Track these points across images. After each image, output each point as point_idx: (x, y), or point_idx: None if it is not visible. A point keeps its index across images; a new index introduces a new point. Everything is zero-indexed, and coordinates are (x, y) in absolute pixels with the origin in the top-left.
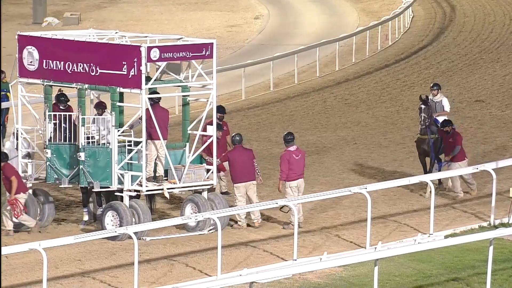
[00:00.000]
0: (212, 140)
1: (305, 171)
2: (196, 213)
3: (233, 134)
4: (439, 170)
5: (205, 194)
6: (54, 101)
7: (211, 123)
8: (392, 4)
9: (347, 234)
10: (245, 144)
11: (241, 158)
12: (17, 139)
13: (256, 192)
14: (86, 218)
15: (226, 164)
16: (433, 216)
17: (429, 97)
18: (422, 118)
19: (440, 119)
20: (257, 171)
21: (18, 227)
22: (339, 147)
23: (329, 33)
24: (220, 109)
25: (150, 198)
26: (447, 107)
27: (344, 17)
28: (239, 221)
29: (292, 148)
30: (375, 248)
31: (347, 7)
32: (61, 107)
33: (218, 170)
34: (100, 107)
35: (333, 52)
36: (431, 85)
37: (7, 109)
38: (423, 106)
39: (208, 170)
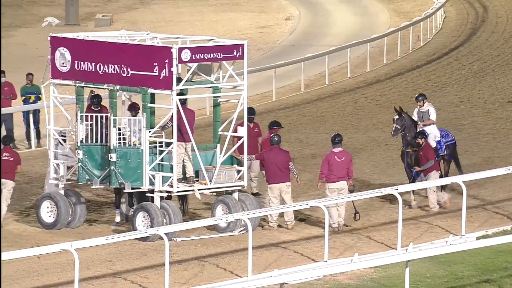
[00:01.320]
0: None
1: None
2: (227, 214)
3: (272, 135)
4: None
5: (236, 195)
6: (89, 102)
7: (242, 124)
8: (424, 5)
9: (378, 235)
10: (274, 147)
11: (276, 159)
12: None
13: (290, 193)
14: (118, 219)
15: (255, 164)
16: (465, 218)
17: (417, 108)
18: (393, 129)
19: (429, 129)
20: (293, 172)
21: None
22: (370, 148)
23: (361, 34)
24: (250, 110)
25: (182, 199)
26: (432, 116)
27: (376, 18)
28: (270, 222)
29: (336, 149)
30: (406, 249)
31: (378, 7)
32: (93, 108)
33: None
34: (134, 108)
35: (365, 53)
36: (416, 95)
37: (40, 110)
38: (396, 117)
39: (239, 171)
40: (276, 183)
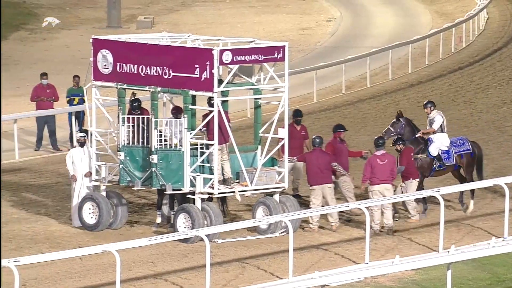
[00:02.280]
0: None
1: None
2: (267, 215)
3: (313, 136)
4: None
5: (276, 196)
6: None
7: (292, 126)
8: (467, 6)
9: (420, 237)
10: (316, 149)
11: (318, 160)
12: None
13: (333, 195)
14: (159, 220)
15: (298, 166)
16: (507, 220)
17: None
18: (385, 129)
19: (437, 136)
20: (340, 171)
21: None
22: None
23: (402, 35)
24: (297, 112)
25: (222, 200)
26: (435, 125)
27: (418, 19)
28: (311, 223)
29: (379, 152)
30: (448, 251)
31: (420, 8)
32: (133, 112)
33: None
34: (178, 112)
35: (406, 54)
36: (424, 102)
37: (84, 112)
38: (394, 121)
39: (279, 173)
40: (317, 184)
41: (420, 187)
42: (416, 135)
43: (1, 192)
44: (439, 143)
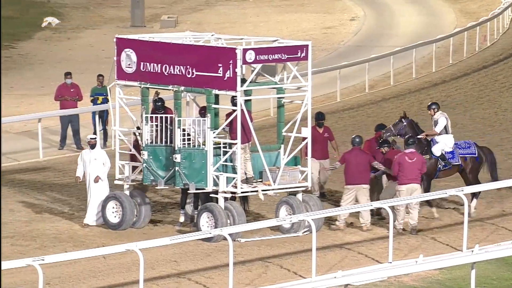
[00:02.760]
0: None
1: None
2: (290, 215)
3: (353, 136)
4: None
5: (299, 196)
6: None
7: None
8: (491, 5)
9: (443, 237)
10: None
11: (356, 160)
12: None
13: (367, 196)
14: (182, 219)
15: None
16: None
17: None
18: (386, 128)
19: (441, 138)
20: (381, 168)
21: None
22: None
23: (426, 34)
24: (319, 115)
25: (243, 199)
26: (437, 127)
27: (441, 18)
28: (338, 221)
29: (408, 150)
30: (472, 251)
31: (444, 7)
32: (157, 112)
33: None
34: (205, 112)
35: (430, 53)
36: (428, 104)
37: (108, 112)
38: (397, 121)
39: (302, 172)
40: (354, 184)
41: (427, 189)
42: (419, 136)
43: (25, 190)
44: (443, 144)
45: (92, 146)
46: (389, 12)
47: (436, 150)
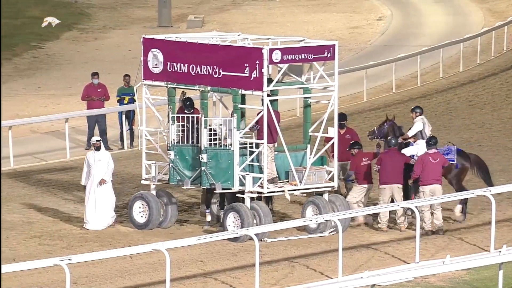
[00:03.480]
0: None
1: None
2: (317, 215)
3: (389, 137)
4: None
5: (326, 196)
6: (181, 104)
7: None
8: None
9: (471, 237)
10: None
11: (392, 159)
12: None
13: (401, 195)
14: (209, 218)
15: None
16: None
17: None
18: (368, 132)
19: (418, 142)
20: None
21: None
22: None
23: (453, 33)
24: (341, 116)
25: (268, 199)
26: (410, 131)
27: (469, 17)
28: (380, 222)
29: (431, 151)
30: (500, 251)
31: (472, 7)
32: (186, 111)
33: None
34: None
35: (458, 53)
36: (412, 107)
37: (134, 112)
38: (381, 123)
39: (329, 172)
40: (388, 183)
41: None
42: (399, 140)
43: (52, 190)
44: (416, 149)
45: (97, 148)
46: (416, 11)
47: (406, 153)
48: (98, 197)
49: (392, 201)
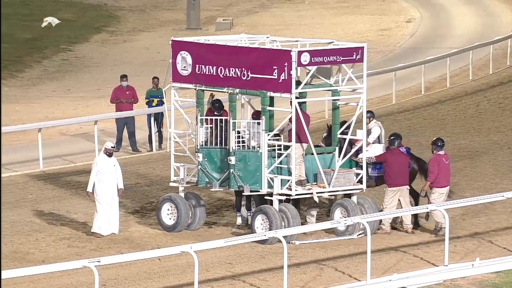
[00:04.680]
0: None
1: (456, 176)
2: (345, 217)
3: (392, 137)
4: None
5: (354, 198)
6: (209, 106)
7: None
8: None
9: (500, 240)
10: (395, 149)
11: (398, 160)
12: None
13: (408, 197)
14: (239, 221)
15: None
16: None
17: None
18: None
19: (372, 146)
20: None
21: None
22: (492, 151)
23: (483, 35)
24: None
25: (295, 202)
26: (370, 137)
27: (499, 19)
28: (383, 225)
29: (441, 152)
30: None
31: (502, 8)
32: (215, 113)
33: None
34: (258, 117)
35: (487, 55)
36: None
37: (163, 114)
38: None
39: (358, 174)
40: (397, 186)
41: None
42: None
43: (81, 192)
44: (371, 153)
45: (110, 155)
46: (446, 13)
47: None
48: (114, 204)
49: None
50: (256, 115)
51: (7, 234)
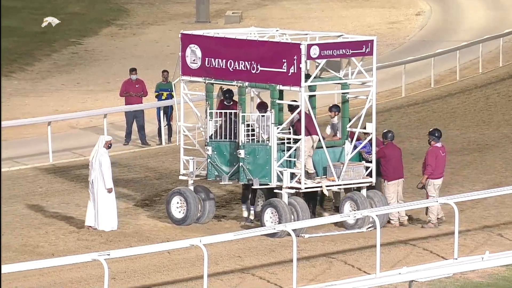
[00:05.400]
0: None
1: (466, 169)
2: (355, 210)
3: (384, 131)
4: None
5: (364, 191)
6: (220, 98)
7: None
8: None
9: (510, 233)
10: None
11: (395, 154)
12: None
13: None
14: (245, 214)
15: None
16: None
17: None
18: None
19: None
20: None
21: None
22: (502, 144)
23: (493, 28)
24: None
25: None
26: (339, 133)
27: (509, 12)
28: (392, 219)
29: (439, 144)
30: None
31: (511, 1)
32: (225, 103)
33: None
34: (263, 107)
35: (497, 48)
36: (330, 106)
37: (172, 107)
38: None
39: (367, 168)
40: (397, 178)
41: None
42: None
43: None
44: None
45: (109, 147)
46: (456, 6)
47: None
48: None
49: None
50: (261, 106)
51: (17, 227)
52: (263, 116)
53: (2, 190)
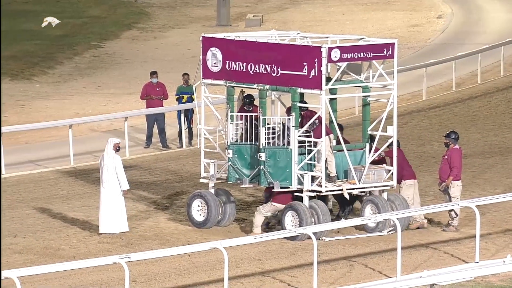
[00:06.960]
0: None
1: (487, 172)
2: (376, 214)
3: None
4: None
5: (385, 195)
6: (241, 102)
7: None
8: None
9: None
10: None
11: (402, 156)
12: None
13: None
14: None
15: None
16: None
17: None
18: None
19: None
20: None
21: None
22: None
23: None
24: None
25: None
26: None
27: None
28: (414, 219)
29: (457, 146)
30: None
31: None
32: (246, 108)
33: None
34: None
35: None
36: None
37: (193, 110)
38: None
39: (388, 171)
40: (414, 178)
41: None
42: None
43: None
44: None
45: (117, 150)
46: (477, 9)
47: None
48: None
49: None
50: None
51: (38, 230)
52: (288, 119)
53: (34, 187)
